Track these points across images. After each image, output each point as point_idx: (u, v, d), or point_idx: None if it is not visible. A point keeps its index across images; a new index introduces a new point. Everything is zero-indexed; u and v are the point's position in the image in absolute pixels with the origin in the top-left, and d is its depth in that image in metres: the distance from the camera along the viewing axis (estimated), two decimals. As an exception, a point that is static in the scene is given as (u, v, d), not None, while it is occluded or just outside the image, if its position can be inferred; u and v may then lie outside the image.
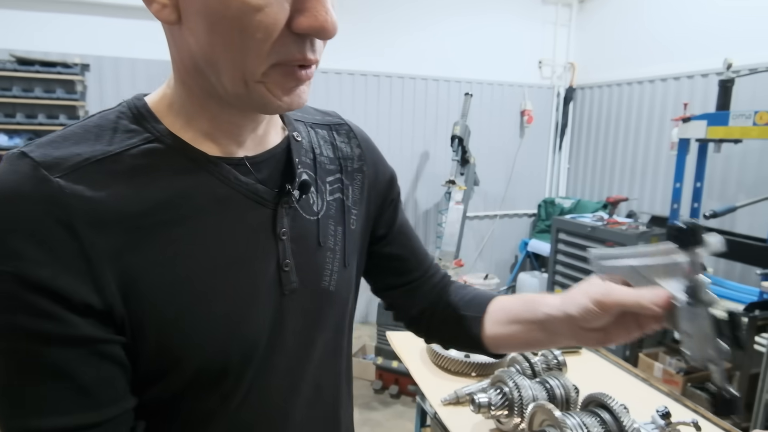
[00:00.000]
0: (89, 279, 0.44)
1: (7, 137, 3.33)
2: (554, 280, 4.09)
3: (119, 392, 0.48)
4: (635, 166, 4.28)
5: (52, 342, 0.44)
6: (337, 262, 0.64)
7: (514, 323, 0.69)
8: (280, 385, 0.59)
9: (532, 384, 1.14)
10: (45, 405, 0.44)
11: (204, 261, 0.51)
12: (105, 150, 0.48)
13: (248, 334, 0.54)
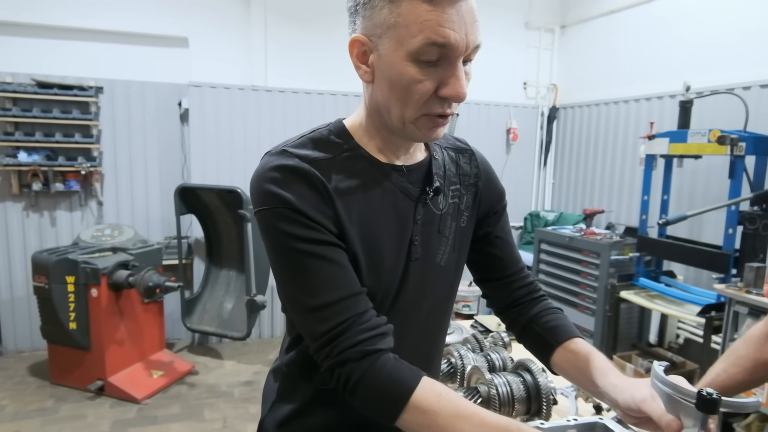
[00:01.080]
0: (331, 215, 0.77)
1: (26, 154, 3.61)
2: (537, 289, 4.31)
3: (356, 279, 0.78)
4: (612, 180, 4.53)
5: (317, 242, 0.75)
6: (448, 247, 0.91)
7: (578, 371, 0.91)
8: (403, 316, 0.87)
9: (476, 356, 1.37)
10: (322, 284, 0.74)
11: (375, 226, 0.81)
12: (325, 155, 0.80)
13: (389, 277, 0.84)
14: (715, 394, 0.64)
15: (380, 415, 0.72)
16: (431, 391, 0.71)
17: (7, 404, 3.08)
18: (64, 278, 3.09)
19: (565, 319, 0.99)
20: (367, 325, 0.75)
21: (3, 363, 3.65)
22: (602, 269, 3.64)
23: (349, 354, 0.72)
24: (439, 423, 0.69)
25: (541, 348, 0.97)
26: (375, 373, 0.72)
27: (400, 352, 0.86)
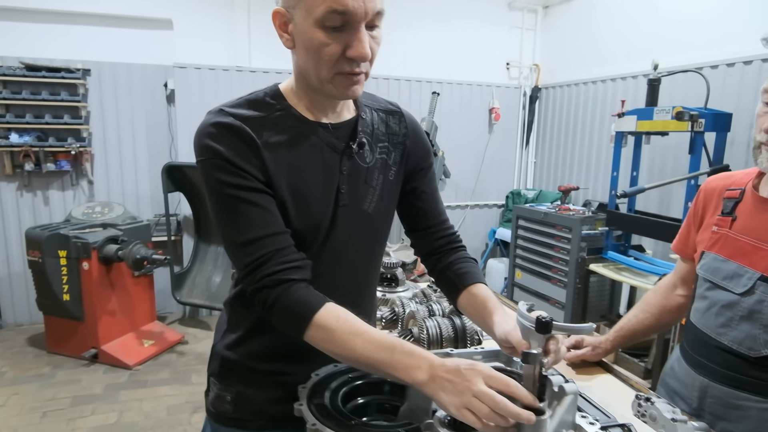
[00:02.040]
0: (259, 165, 0.90)
1: (18, 135, 3.73)
2: (515, 263, 4.48)
3: (280, 221, 0.91)
4: (590, 158, 4.66)
5: (246, 189, 0.88)
6: (376, 197, 1.04)
7: (475, 311, 1.07)
8: (333, 255, 1.01)
9: (420, 306, 1.52)
10: (248, 224, 0.88)
11: (302, 175, 0.94)
12: (259, 114, 0.93)
13: (318, 220, 0.97)
14: (548, 318, 0.79)
15: (290, 331, 0.88)
16: (331, 313, 0.87)
17: (7, 371, 3.26)
18: (56, 252, 3.24)
19: (475, 267, 1.14)
20: (284, 259, 0.89)
21: (3, 335, 3.83)
22: (574, 243, 3.79)
23: (266, 281, 0.88)
24: (335, 338, 0.85)
25: (451, 291, 1.12)
26: (286, 298, 0.87)
27: (330, 285, 1.00)
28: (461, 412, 0.74)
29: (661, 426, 1.01)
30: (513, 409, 0.71)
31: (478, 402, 0.73)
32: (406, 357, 0.81)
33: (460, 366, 0.77)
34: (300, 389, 0.91)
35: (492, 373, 0.76)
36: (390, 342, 0.83)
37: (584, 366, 1.41)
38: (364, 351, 0.83)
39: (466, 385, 0.74)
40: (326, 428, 0.79)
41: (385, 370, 0.82)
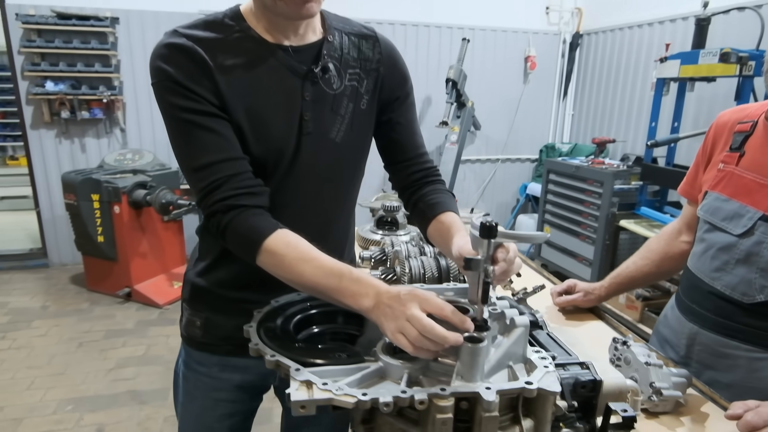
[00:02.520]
0: (212, 88, 0.87)
1: (53, 83, 3.86)
2: (544, 219, 4.34)
3: (235, 146, 0.89)
4: (631, 110, 4.37)
5: (198, 112, 0.86)
6: (344, 126, 0.99)
7: (441, 237, 1.02)
8: (297, 184, 0.99)
9: (411, 247, 1.50)
10: (201, 148, 0.86)
11: (259, 99, 0.91)
12: (215, 35, 0.89)
13: (279, 147, 0.94)
14: (492, 222, 0.74)
15: (243, 256, 0.88)
16: (282, 239, 0.85)
17: (50, 305, 3.52)
18: (89, 196, 3.40)
19: (447, 198, 1.09)
20: (237, 184, 0.88)
21: (49, 273, 4.12)
22: (605, 199, 3.62)
23: (218, 207, 0.87)
24: (284, 264, 0.84)
25: (422, 221, 1.08)
26: (237, 223, 0.86)
27: (294, 216, 0.99)
28: (395, 336, 0.72)
29: (633, 370, 0.96)
30: (439, 331, 0.69)
31: (409, 325, 0.71)
32: (354, 284, 0.79)
33: (400, 292, 0.75)
34: (255, 313, 0.91)
35: (428, 297, 0.73)
36: (339, 269, 0.81)
37: (576, 312, 1.36)
38: (312, 277, 0.82)
39: (401, 310, 0.72)
40: (267, 349, 0.79)
41: (333, 296, 0.81)
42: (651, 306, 3.28)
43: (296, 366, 0.74)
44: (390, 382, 0.75)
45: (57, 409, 2.33)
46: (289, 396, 0.68)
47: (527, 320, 0.79)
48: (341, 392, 0.68)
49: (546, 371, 0.75)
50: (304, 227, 0.98)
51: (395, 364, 0.74)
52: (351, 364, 0.76)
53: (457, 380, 0.72)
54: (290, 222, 0.96)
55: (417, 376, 0.75)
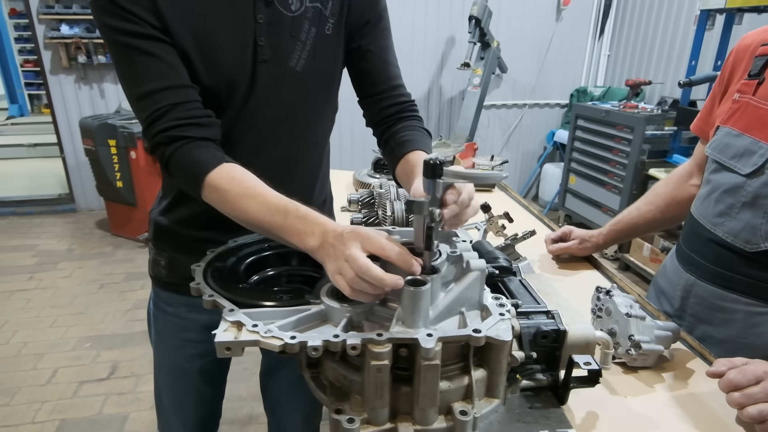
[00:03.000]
0: (150, 8, 0.79)
1: (68, 27, 3.84)
2: (569, 168, 4.15)
3: (180, 73, 0.82)
4: (672, 50, 4.02)
5: (137, 35, 0.79)
6: (306, 52, 0.91)
7: (406, 177, 0.95)
8: (254, 116, 0.92)
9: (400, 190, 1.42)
10: (143, 74, 0.80)
11: (206, 23, 0.84)
12: None
13: (232, 75, 0.87)
14: (436, 159, 0.66)
15: (188, 190, 0.83)
16: (226, 174, 0.79)
17: (76, 248, 3.66)
18: (106, 141, 3.43)
19: (420, 136, 0.99)
20: (181, 114, 0.82)
21: (76, 218, 4.28)
22: (634, 145, 3.40)
23: (160, 138, 0.81)
24: (228, 200, 0.78)
25: (391, 161, 1.00)
26: (180, 156, 0.81)
27: (252, 153, 0.94)
28: (335, 277, 0.67)
29: (614, 321, 0.88)
30: (375, 273, 0.62)
31: (347, 266, 0.65)
32: (300, 222, 0.73)
33: (344, 230, 0.68)
34: (208, 252, 0.87)
35: (371, 236, 0.66)
36: (284, 205, 0.75)
37: (570, 261, 1.27)
38: (257, 214, 0.76)
39: (341, 249, 0.66)
40: (207, 288, 0.75)
41: (279, 234, 0.75)
42: (676, 259, 3.13)
43: (230, 307, 0.70)
44: (331, 326, 0.70)
45: (76, 346, 2.46)
46: (215, 336, 0.65)
47: (483, 264, 0.72)
48: (269, 335, 0.64)
49: (500, 319, 0.68)
50: (264, 164, 0.92)
51: (335, 306, 0.69)
52: (292, 306, 0.72)
53: (397, 326, 0.66)
54: (248, 158, 0.90)
55: (359, 321, 0.70)
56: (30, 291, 2.96)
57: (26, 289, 2.97)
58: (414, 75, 4.44)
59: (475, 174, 0.71)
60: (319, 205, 1.14)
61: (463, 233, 0.99)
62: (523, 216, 1.63)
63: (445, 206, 0.71)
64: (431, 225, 0.68)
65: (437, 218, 0.68)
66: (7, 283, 3.04)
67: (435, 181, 0.67)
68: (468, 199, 0.74)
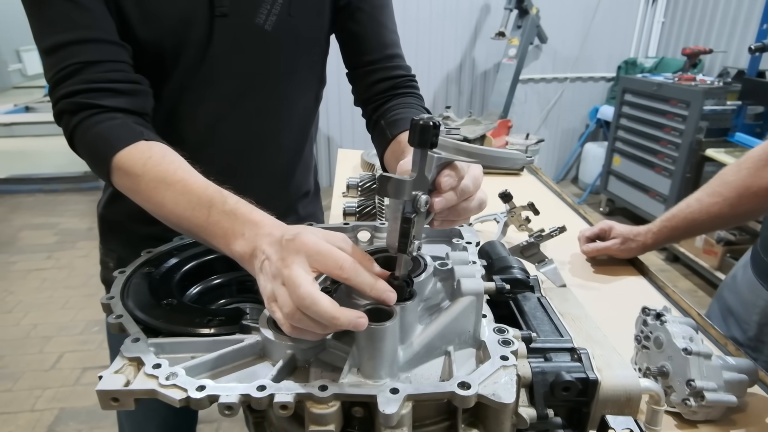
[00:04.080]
0: None
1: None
2: (614, 147, 3.79)
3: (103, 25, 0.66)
4: (738, 12, 3.56)
5: None
6: (277, 8, 0.74)
7: (395, 161, 0.76)
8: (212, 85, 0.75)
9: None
10: (52, 23, 0.64)
11: None
12: None
13: (178, 31, 0.70)
14: (433, 121, 0.44)
15: (97, 173, 0.66)
16: (141, 154, 0.61)
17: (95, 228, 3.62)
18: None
19: (416, 113, 0.79)
20: (95, 76, 0.64)
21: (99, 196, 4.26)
22: (690, 122, 3.04)
23: (64, 105, 0.65)
24: (141, 188, 0.61)
25: (380, 144, 0.80)
26: (85, 129, 0.65)
27: (205, 130, 0.76)
28: (270, 305, 0.48)
29: (666, 357, 0.66)
30: (323, 307, 0.44)
31: (284, 292, 0.46)
32: (226, 218, 0.55)
33: (285, 235, 0.49)
34: (143, 253, 0.70)
35: (321, 248, 0.47)
36: (209, 197, 0.57)
37: (608, 263, 1.04)
38: (174, 207, 0.58)
39: (278, 266, 0.47)
40: (119, 305, 0.58)
41: (202, 236, 0.57)
42: (735, 252, 2.78)
43: (136, 335, 0.53)
44: (268, 364, 0.52)
45: (84, 330, 2.40)
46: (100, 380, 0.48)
47: (480, 286, 0.52)
48: (170, 381, 0.46)
49: (501, 365, 0.48)
50: (222, 147, 0.75)
51: (273, 340, 0.51)
52: (222, 334, 0.54)
53: (350, 374, 0.47)
54: (202, 139, 0.73)
55: (306, 360, 0.51)
56: (46, 270, 2.93)
57: (43, 268, 2.95)
58: (444, 46, 4.15)
59: (487, 151, 0.50)
60: (298, 197, 0.95)
61: (471, 232, 0.78)
62: (555, 206, 1.40)
63: (439, 193, 0.50)
64: (409, 216, 0.47)
65: (421, 208, 0.47)
66: (26, 261, 3.03)
67: (425, 153, 0.46)
68: (472, 186, 0.53)
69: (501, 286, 0.65)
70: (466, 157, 0.52)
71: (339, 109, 4.04)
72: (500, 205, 1.13)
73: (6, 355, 2.19)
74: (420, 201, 0.47)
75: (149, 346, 0.51)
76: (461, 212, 0.54)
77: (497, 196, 1.08)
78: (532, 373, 0.52)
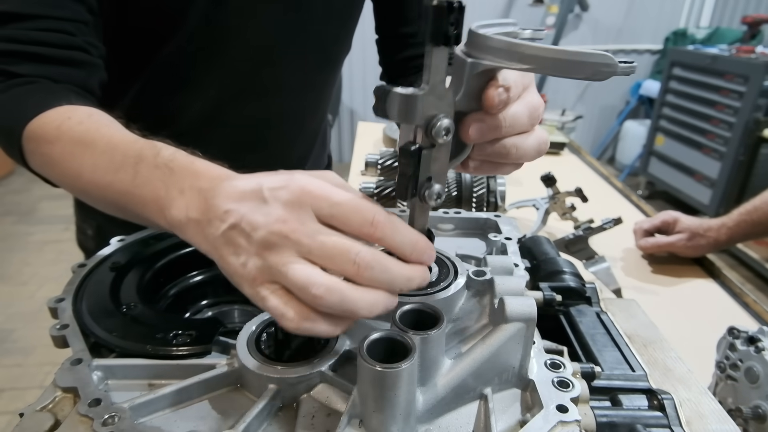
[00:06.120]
0: None
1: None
2: (657, 126, 3.53)
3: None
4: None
5: None
6: None
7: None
8: (225, 62, 0.64)
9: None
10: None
11: None
12: None
13: None
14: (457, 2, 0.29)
15: (9, 155, 0.52)
16: (58, 116, 0.47)
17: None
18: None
19: None
20: (15, 33, 0.51)
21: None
22: (747, 99, 2.76)
23: None
24: (54, 158, 0.46)
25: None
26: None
27: (210, 111, 0.66)
28: (257, 293, 0.33)
29: (762, 395, 0.51)
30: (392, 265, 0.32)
31: (300, 270, 0.31)
32: (159, 174, 0.38)
33: (263, 185, 0.33)
34: (111, 242, 0.58)
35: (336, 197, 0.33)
36: (138, 150, 0.41)
37: (671, 262, 0.88)
38: (93, 174, 0.43)
39: (279, 229, 0.32)
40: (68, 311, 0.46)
41: (130, 208, 0.41)
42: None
43: (79, 355, 0.41)
44: (247, 397, 0.40)
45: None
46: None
47: (533, 309, 0.38)
48: (108, 428, 0.34)
49: (558, 420, 0.35)
50: (232, 130, 0.63)
51: (251, 369, 0.38)
52: (185, 356, 0.42)
53: (349, 428, 0.34)
54: (206, 121, 0.65)
55: (295, 397, 0.39)
56: (63, 243, 2.90)
57: (60, 240, 2.92)
58: (477, 13, 3.90)
59: (557, 53, 0.33)
60: None
61: (511, 224, 0.64)
62: (602, 192, 1.23)
63: (477, 116, 0.35)
64: (408, 149, 0.33)
65: (440, 137, 0.33)
66: (43, 233, 3.01)
67: (448, 52, 0.31)
68: (528, 115, 0.37)
69: (550, 297, 0.51)
70: (519, 63, 0.32)
71: (363, 80, 3.87)
72: (540, 189, 0.98)
73: (18, 328, 2.17)
74: (439, 126, 0.32)
75: (94, 371, 0.40)
76: (510, 151, 0.38)
77: (539, 179, 0.93)
78: (597, 424, 0.39)
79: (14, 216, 3.21)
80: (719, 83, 2.95)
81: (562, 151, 1.44)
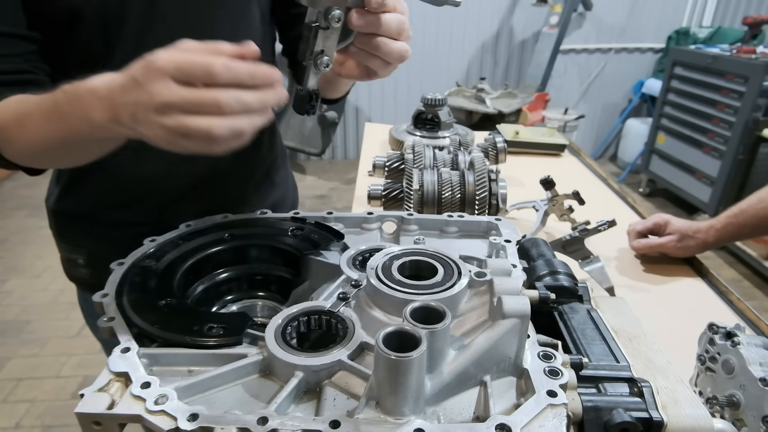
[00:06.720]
0: None
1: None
2: (659, 125, 3.56)
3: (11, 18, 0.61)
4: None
5: None
6: None
7: None
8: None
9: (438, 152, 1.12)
10: None
11: None
12: None
13: None
14: None
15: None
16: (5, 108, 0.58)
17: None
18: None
19: None
20: None
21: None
22: (747, 99, 2.80)
23: None
24: (12, 136, 0.58)
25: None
26: None
27: None
28: (169, 138, 0.46)
29: (736, 384, 0.57)
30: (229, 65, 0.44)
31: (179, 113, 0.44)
32: (74, 99, 0.51)
33: (134, 75, 0.46)
34: (145, 242, 0.64)
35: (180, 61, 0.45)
36: (54, 95, 0.53)
37: (662, 262, 0.93)
38: (36, 129, 0.55)
39: (148, 102, 0.45)
40: (113, 305, 0.52)
41: (69, 138, 0.54)
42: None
43: (126, 344, 0.46)
44: (274, 384, 0.45)
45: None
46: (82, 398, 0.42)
47: (527, 307, 0.43)
48: (159, 407, 0.40)
49: (548, 404, 0.40)
50: None
51: (280, 358, 0.44)
52: (219, 346, 0.47)
53: (367, 408, 0.40)
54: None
55: (318, 382, 0.44)
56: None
57: (75, 232, 2.99)
58: (480, 12, 3.93)
59: None
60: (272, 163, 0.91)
61: (510, 227, 0.69)
62: (600, 193, 1.28)
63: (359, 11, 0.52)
64: (310, 24, 0.52)
65: (333, 22, 0.51)
66: (56, 227, 3.07)
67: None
68: (396, 21, 0.54)
69: (545, 295, 0.56)
70: None
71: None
72: (539, 192, 1.03)
73: (34, 320, 2.24)
74: (333, 14, 0.50)
75: (141, 358, 0.45)
76: (381, 46, 0.54)
77: (539, 182, 0.98)
78: (583, 408, 0.44)
79: (27, 210, 3.27)
80: (720, 83, 2.99)
81: (563, 153, 1.49)
